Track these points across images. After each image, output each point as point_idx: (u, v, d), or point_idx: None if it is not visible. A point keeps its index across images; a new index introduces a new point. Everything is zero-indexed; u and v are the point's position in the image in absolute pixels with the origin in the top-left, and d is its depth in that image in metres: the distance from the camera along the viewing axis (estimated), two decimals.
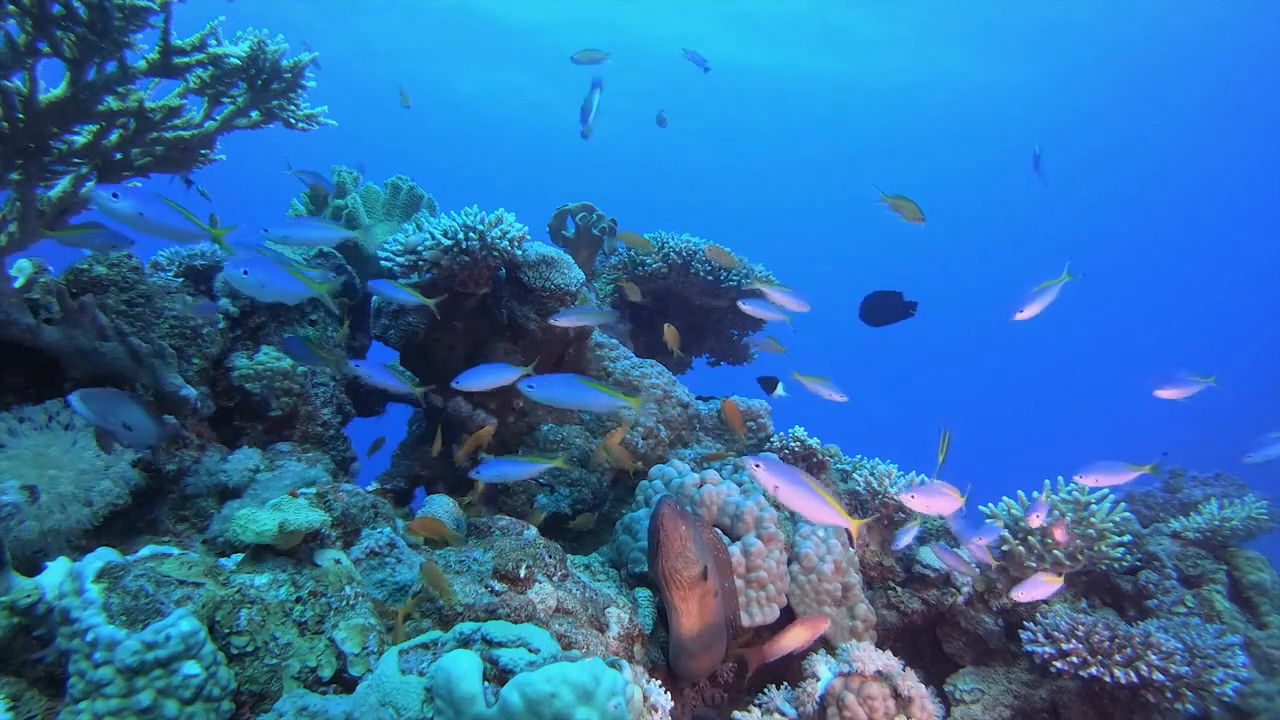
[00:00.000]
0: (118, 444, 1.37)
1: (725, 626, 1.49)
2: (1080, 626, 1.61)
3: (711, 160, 17.85)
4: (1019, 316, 1.69)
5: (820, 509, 1.25)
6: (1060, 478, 1.89)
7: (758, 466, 1.26)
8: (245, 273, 1.31)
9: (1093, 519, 1.82)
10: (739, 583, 1.59)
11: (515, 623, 1.05)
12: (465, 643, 0.91)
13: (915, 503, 1.50)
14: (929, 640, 1.95)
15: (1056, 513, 1.83)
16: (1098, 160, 16.01)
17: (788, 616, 1.64)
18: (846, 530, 1.86)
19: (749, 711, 1.40)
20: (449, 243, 1.91)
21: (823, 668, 1.42)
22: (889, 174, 17.47)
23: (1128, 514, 1.87)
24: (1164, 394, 1.78)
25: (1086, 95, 13.37)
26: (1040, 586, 1.57)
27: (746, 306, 2.04)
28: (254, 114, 1.57)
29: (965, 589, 1.86)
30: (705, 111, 15.00)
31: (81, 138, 1.38)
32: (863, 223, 19.93)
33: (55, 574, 0.96)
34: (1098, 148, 15.47)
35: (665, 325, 2.17)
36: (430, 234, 1.93)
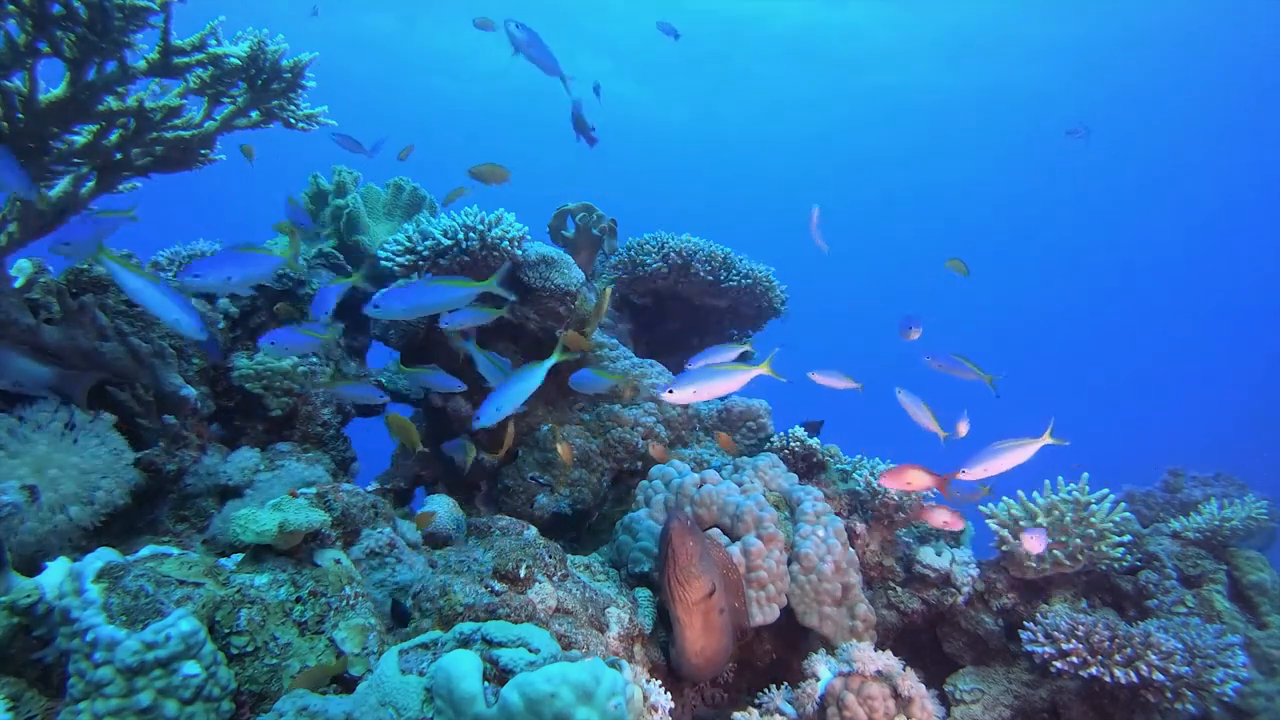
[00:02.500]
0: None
1: (731, 641, 1.50)
2: (1080, 626, 1.61)
3: (713, 159, 17.84)
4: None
5: (731, 380, 1.51)
6: (1060, 478, 1.89)
7: (670, 391, 1.49)
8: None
9: (1093, 519, 1.82)
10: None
11: (515, 623, 1.05)
12: (465, 643, 0.91)
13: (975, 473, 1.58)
14: (929, 640, 1.95)
15: (1050, 518, 1.83)
16: (1098, 160, 16.00)
17: (788, 616, 1.64)
18: (847, 529, 1.87)
19: (749, 712, 1.40)
20: (449, 243, 1.91)
21: (823, 668, 1.42)
22: (897, 174, 17.44)
23: (1128, 514, 1.87)
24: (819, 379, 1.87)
25: (1097, 93, 13.36)
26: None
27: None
28: (254, 114, 1.57)
29: (965, 589, 1.86)
30: (705, 110, 15.01)
31: (81, 138, 1.39)
32: (866, 222, 19.94)
33: (55, 574, 0.96)
34: (1097, 147, 15.46)
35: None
36: (431, 235, 1.93)
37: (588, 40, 12.20)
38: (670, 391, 1.50)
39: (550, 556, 1.41)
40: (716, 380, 1.50)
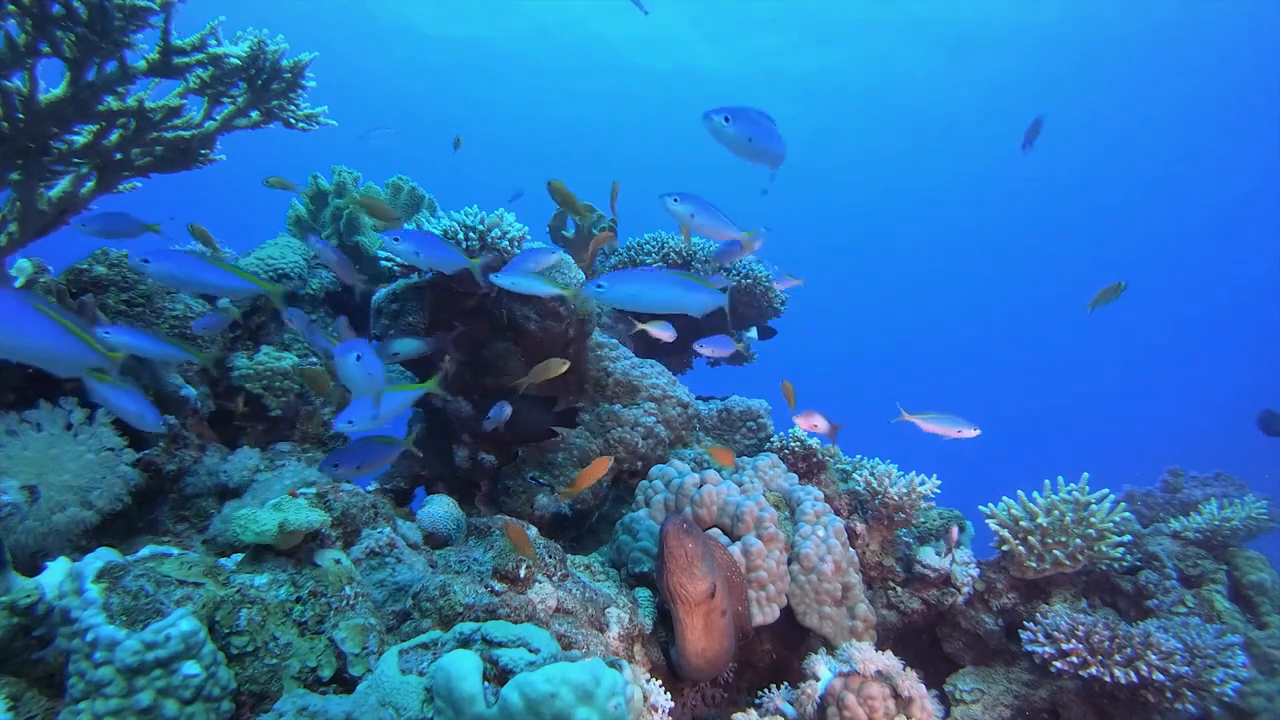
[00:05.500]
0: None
1: (733, 643, 1.50)
2: (1080, 626, 1.61)
3: (712, 159, 17.84)
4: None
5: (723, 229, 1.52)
6: (1060, 477, 1.89)
7: (675, 199, 1.44)
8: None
9: (1093, 519, 1.82)
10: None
11: (515, 623, 1.05)
12: (465, 643, 0.91)
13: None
14: (929, 640, 1.95)
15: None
16: (1098, 161, 16.02)
17: (788, 616, 1.64)
18: (847, 529, 1.86)
19: (748, 712, 1.40)
20: None
21: (823, 668, 1.42)
22: (893, 172, 17.45)
23: (1128, 514, 1.87)
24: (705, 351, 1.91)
25: (1087, 94, 13.37)
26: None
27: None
28: (254, 114, 1.57)
29: (965, 589, 1.86)
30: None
31: (81, 138, 1.39)
32: (869, 223, 19.96)
33: (55, 574, 0.96)
34: (1097, 147, 15.48)
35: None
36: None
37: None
38: (674, 199, 1.45)
39: (550, 556, 1.41)
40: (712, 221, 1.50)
